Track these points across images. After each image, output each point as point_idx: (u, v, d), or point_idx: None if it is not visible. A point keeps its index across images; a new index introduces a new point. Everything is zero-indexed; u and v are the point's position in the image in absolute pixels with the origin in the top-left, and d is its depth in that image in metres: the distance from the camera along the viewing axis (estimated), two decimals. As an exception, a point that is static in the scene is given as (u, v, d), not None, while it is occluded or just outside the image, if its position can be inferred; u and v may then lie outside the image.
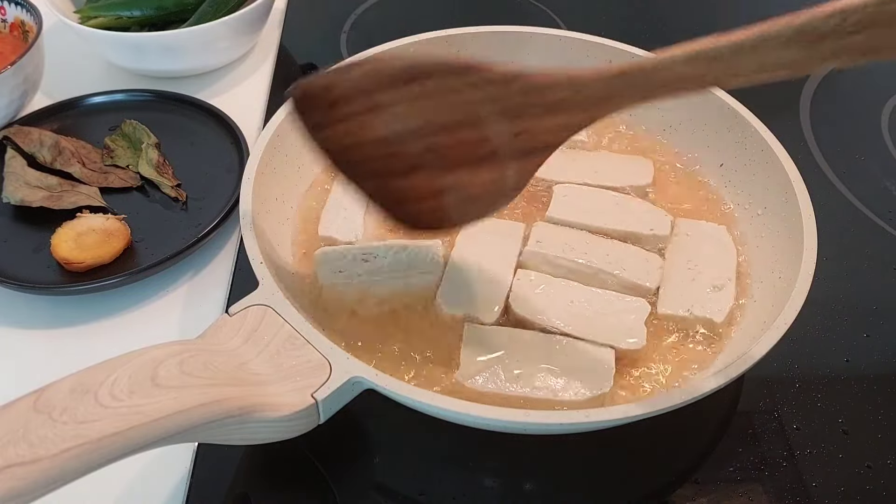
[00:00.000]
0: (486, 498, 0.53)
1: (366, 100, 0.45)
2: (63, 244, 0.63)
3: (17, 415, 0.36)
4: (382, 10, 1.00)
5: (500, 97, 0.43)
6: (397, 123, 0.46)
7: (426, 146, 0.46)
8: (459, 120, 0.45)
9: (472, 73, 0.43)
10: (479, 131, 0.45)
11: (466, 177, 0.47)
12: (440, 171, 0.47)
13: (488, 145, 0.45)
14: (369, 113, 0.46)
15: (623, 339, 0.54)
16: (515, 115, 0.43)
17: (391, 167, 0.48)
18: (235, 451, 0.55)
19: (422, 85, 0.44)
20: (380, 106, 0.45)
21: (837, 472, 0.54)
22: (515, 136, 0.44)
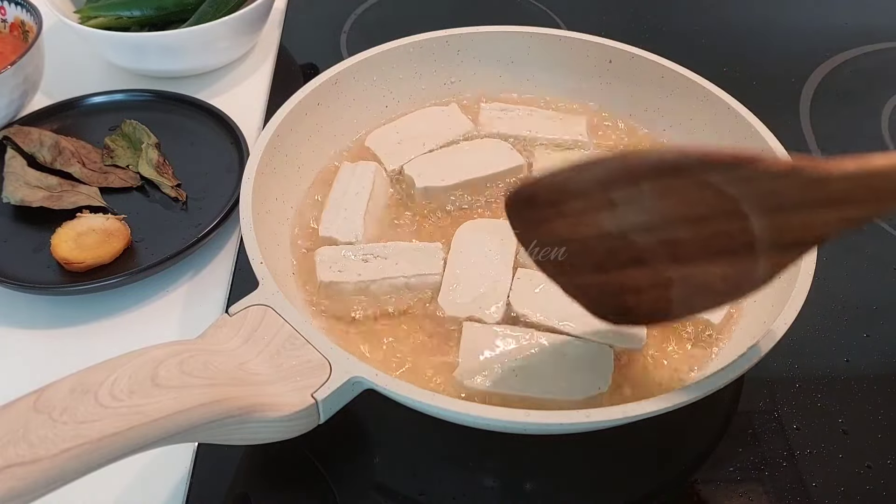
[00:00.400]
0: (486, 498, 0.53)
1: (601, 197, 0.42)
2: (63, 244, 0.63)
3: (17, 415, 0.36)
4: (382, 10, 1.00)
5: (773, 192, 0.39)
6: (630, 218, 0.43)
7: (661, 239, 0.43)
8: (712, 213, 0.41)
9: (743, 167, 0.38)
10: (732, 224, 0.40)
11: (701, 268, 0.43)
12: (670, 263, 0.44)
13: (740, 239, 0.41)
14: (600, 210, 0.43)
15: (623, 338, 0.54)
16: (786, 209, 0.39)
17: (610, 261, 0.45)
18: (235, 451, 0.55)
19: (675, 181, 0.40)
20: (615, 202, 0.42)
21: (837, 472, 0.54)
22: (780, 230, 0.40)
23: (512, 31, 0.74)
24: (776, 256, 0.41)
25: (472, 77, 0.75)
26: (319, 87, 0.67)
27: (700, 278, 0.44)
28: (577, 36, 0.73)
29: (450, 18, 0.83)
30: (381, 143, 0.69)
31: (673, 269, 0.44)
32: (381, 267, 0.58)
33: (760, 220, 0.40)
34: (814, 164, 0.37)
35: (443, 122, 0.71)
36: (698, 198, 0.40)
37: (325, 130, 0.69)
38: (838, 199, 0.38)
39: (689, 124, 0.70)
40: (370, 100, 0.72)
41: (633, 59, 0.71)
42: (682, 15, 1.01)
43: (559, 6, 0.99)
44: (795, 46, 0.94)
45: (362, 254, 0.59)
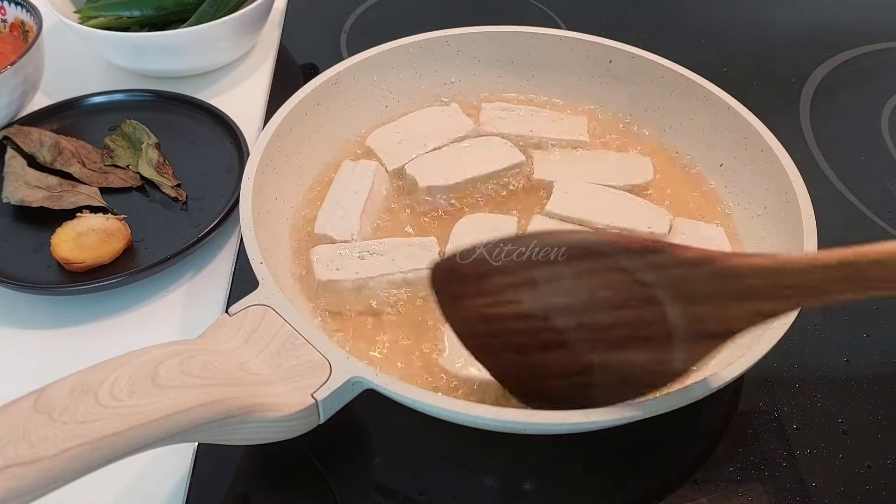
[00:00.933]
0: (486, 498, 0.53)
1: (523, 274, 0.43)
2: (63, 244, 0.63)
3: (17, 415, 0.36)
4: (382, 10, 1.00)
5: (685, 281, 0.40)
6: (550, 299, 0.43)
7: (580, 323, 0.44)
8: (629, 299, 0.42)
9: (656, 254, 0.40)
10: (649, 312, 0.41)
11: (622, 356, 0.44)
12: (591, 349, 0.44)
13: (657, 328, 0.42)
14: (521, 287, 0.44)
15: None
16: (699, 300, 0.40)
17: (532, 342, 0.46)
18: (235, 451, 0.55)
19: (592, 263, 0.41)
20: (536, 281, 0.43)
21: (837, 472, 0.54)
22: (694, 321, 0.41)
23: (512, 31, 0.74)
24: (692, 347, 0.41)
25: (472, 77, 0.75)
26: (319, 87, 0.67)
27: (620, 366, 0.44)
28: (577, 36, 0.73)
29: (450, 18, 0.83)
30: (383, 142, 0.69)
31: (594, 355, 0.44)
32: (378, 264, 0.58)
33: (675, 308, 0.40)
34: (725, 258, 0.39)
35: (444, 122, 0.71)
36: (615, 282, 0.41)
37: (325, 130, 0.69)
38: (750, 294, 0.38)
39: (689, 124, 0.70)
40: (370, 100, 0.72)
41: (633, 59, 0.71)
42: (682, 15, 1.01)
43: (559, 6, 0.99)
44: (795, 46, 0.94)
45: (358, 251, 0.59)
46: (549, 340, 0.45)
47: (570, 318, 0.43)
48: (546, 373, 0.47)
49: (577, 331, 0.44)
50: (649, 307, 0.41)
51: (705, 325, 0.41)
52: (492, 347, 0.48)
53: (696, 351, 0.42)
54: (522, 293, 0.44)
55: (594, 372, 0.45)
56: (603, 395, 0.45)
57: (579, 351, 0.44)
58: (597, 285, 0.42)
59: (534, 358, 0.46)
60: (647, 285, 0.40)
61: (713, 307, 0.40)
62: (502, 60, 0.75)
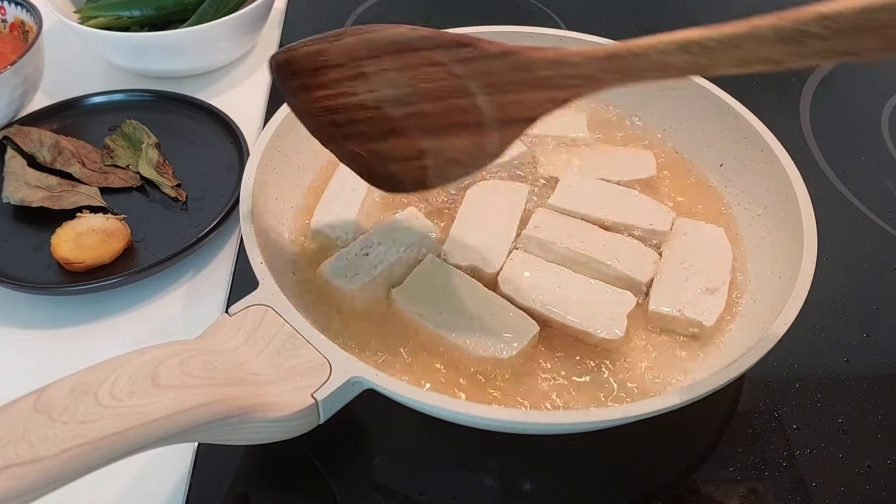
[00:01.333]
0: (486, 498, 0.53)
1: (353, 67, 0.48)
2: (63, 244, 0.63)
3: (17, 415, 0.36)
4: (382, 9, 1.00)
5: (489, 72, 0.45)
6: (381, 90, 0.48)
7: (408, 112, 0.49)
8: (444, 90, 0.47)
9: (463, 48, 0.45)
10: (463, 101, 0.47)
11: (447, 141, 0.49)
12: (421, 135, 0.49)
13: (472, 115, 0.47)
14: (354, 80, 0.48)
15: (602, 327, 0.55)
16: (502, 89, 0.45)
17: (370, 130, 0.50)
18: (235, 451, 0.55)
19: (411, 56, 0.47)
20: (366, 74, 0.48)
21: (837, 472, 0.54)
22: (500, 108, 0.46)
23: (512, 32, 0.74)
24: (502, 131, 0.47)
25: (472, 77, 0.75)
26: (319, 87, 0.67)
27: (447, 151, 0.50)
28: (577, 36, 0.73)
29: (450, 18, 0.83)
30: None
31: (425, 142, 0.50)
32: (386, 251, 0.59)
33: (483, 98, 0.46)
34: (520, 51, 0.44)
35: None
36: (433, 75, 0.47)
37: (325, 130, 0.69)
38: (542, 83, 0.44)
39: (689, 124, 0.70)
40: (370, 100, 0.72)
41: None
42: (682, 15, 1.01)
43: (559, 6, 0.99)
44: (795, 46, 0.94)
45: (360, 251, 0.59)
46: (386, 129, 0.50)
47: (399, 109, 0.49)
48: (388, 158, 0.52)
49: (407, 119, 0.49)
50: (463, 97, 0.46)
51: (510, 112, 0.46)
52: (337, 136, 0.53)
53: (505, 135, 0.47)
54: (356, 85, 0.49)
55: (427, 156, 0.50)
56: (439, 175, 0.51)
57: (412, 138, 0.50)
58: (418, 77, 0.47)
59: (375, 146, 0.51)
60: (459, 77, 0.46)
61: (515, 96, 0.45)
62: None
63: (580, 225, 0.62)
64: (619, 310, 0.56)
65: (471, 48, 0.45)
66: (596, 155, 0.69)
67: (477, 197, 0.64)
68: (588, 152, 0.70)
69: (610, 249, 0.60)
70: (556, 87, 0.44)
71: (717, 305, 0.57)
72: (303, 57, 0.49)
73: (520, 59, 0.44)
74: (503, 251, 0.60)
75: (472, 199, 0.64)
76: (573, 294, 0.57)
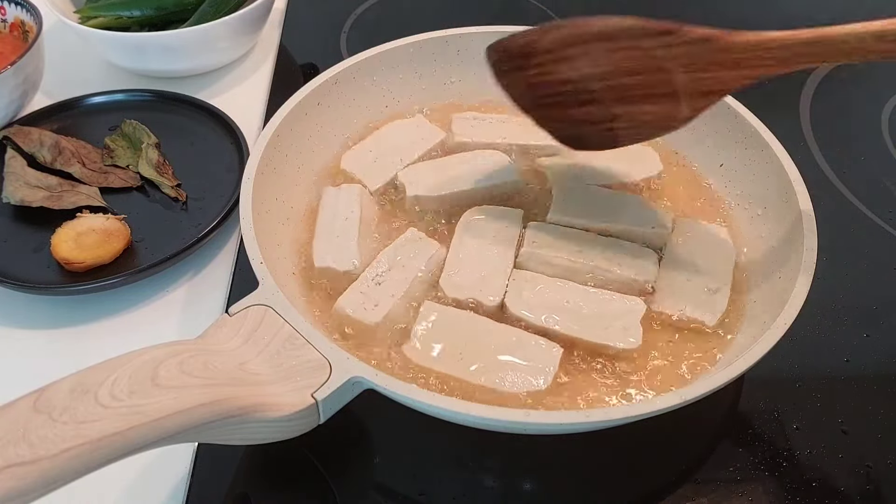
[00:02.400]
0: (486, 498, 0.53)
1: (560, 52, 0.54)
2: (63, 244, 0.63)
3: (17, 415, 0.36)
4: (382, 10, 1.00)
5: (688, 55, 0.50)
6: (585, 69, 0.54)
7: (607, 85, 0.54)
8: (645, 68, 0.52)
9: (666, 36, 0.50)
10: (660, 76, 0.52)
11: (639, 107, 0.55)
12: (615, 103, 0.55)
13: (667, 87, 0.52)
14: (560, 62, 0.55)
15: (619, 338, 0.54)
16: (699, 69, 0.51)
17: (569, 101, 0.57)
18: (235, 451, 0.55)
19: (616, 44, 0.52)
20: (571, 57, 0.54)
21: (837, 472, 0.54)
22: (694, 82, 0.52)
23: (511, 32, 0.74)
24: (695, 102, 0.53)
25: (472, 77, 0.75)
26: (319, 88, 0.67)
27: (638, 115, 0.55)
28: (577, 36, 0.73)
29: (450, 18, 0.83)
30: (357, 163, 0.68)
31: (618, 107, 0.55)
32: (399, 277, 0.58)
33: (681, 76, 0.51)
34: (721, 36, 0.49)
35: (414, 134, 0.70)
36: (634, 56, 0.52)
37: (325, 130, 0.69)
38: (740, 63, 0.50)
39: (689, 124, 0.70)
40: (370, 100, 0.72)
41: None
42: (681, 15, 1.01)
43: (559, 6, 0.99)
44: (795, 46, 0.94)
45: (372, 281, 0.57)
46: (584, 99, 0.56)
47: (599, 83, 0.54)
48: (581, 121, 0.58)
49: (605, 91, 0.55)
50: (661, 74, 0.52)
51: (704, 86, 0.52)
52: (539, 104, 0.59)
53: (697, 103, 0.53)
54: (561, 66, 0.55)
55: (618, 120, 0.56)
56: (626, 136, 0.58)
57: (607, 105, 0.55)
58: (620, 59, 0.52)
59: (572, 112, 0.58)
60: (659, 59, 0.51)
61: (710, 74, 0.51)
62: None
63: (576, 234, 0.61)
64: (632, 318, 0.56)
65: (674, 35, 0.50)
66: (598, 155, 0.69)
67: (470, 224, 0.62)
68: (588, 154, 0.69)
69: (610, 255, 0.59)
70: (750, 66, 0.49)
71: (720, 305, 0.57)
72: (515, 47, 0.57)
73: (719, 44, 0.49)
74: (501, 283, 0.58)
75: (465, 227, 0.62)
76: (583, 307, 0.56)
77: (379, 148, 0.69)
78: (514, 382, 0.51)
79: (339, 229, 0.61)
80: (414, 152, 0.69)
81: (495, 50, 0.59)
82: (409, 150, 0.69)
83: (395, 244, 0.60)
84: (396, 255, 0.59)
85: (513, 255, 0.60)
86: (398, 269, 0.58)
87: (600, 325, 0.55)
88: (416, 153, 0.69)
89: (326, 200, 0.64)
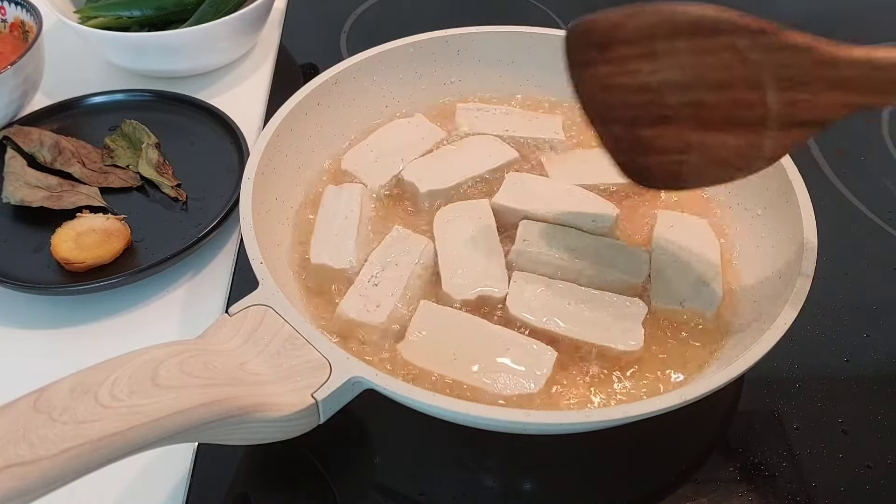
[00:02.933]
0: (486, 498, 0.53)
1: (645, 45, 0.46)
2: (63, 244, 0.63)
3: (17, 415, 0.36)
4: (382, 10, 1.00)
5: (787, 64, 0.43)
6: (665, 73, 0.47)
7: (687, 100, 0.47)
8: (735, 79, 0.45)
9: (766, 35, 0.43)
10: (751, 94, 0.45)
11: (718, 138, 0.47)
12: (692, 127, 0.48)
13: (755, 110, 0.45)
14: (641, 59, 0.47)
15: (620, 340, 0.54)
16: (797, 84, 0.44)
17: (642, 115, 0.49)
18: (235, 451, 0.55)
19: (709, 40, 0.44)
20: (655, 53, 0.46)
21: (837, 472, 0.54)
22: (788, 105, 0.44)
23: (512, 31, 0.74)
24: (782, 135, 0.46)
25: (472, 77, 0.75)
26: (319, 87, 0.67)
27: (715, 148, 0.48)
28: (577, 36, 0.73)
29: (450, 18, 0.83)
30: (358, 162, 0.68)
31: (694, 134, 0.48)
32: (394, 276, 0.58)
33: (774, 92, 0.44)
34: (825, 45, 0.42)
35: (414, 133, 0.71)
36: (726, 60, 0.44)
37: (325, 130, 0.69)
38: (844, 83, 0.42)
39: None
40: (370, 100, 0.72)
41: None
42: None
43: (559, 6, 0.99)
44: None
45: (369, 283, 0.57)
46: (658, 116, 0.49)
47: (679, 95, 0.47)
48: (649, 147, 0.51)
49: (684, 108, 0.47)
50: (751, 89, 0.44)
51: (798, 111, 0.44)
52: (607, 117, 0.52)
53: (784, 138, 0.46)
54: (642, 64, 0.47)
55: (692, 151, 0.49)
56: (697, 174, 0.50)
57: (683, 128, 0.48)
58: (709, 63, 0.45)
59: (642, 132, 0.50)
60: (753, 65, 0.44)
61: (808, 94, 0.43)
62: (502, 60, 0.75)
63: (567, 233, 0.61)
64: (632, 320, 0.56)
65: (774, 36, 0.43)
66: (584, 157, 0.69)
67: (446, 225, 0.62)
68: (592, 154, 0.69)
69: (601, 255, 0.59)
70: (858, 91, 0.42)
71: (716, 294, 0.57)
72: (601, 28, 0.48)
73: (823, 54, 0.42)
74: (501, 271, 0.58)
75: (443, 229, 0.62)
76: (584, 310, 0.56)
77: (380, 147, 0.69)
78: (506, 384, 0.51)
79: (338, 228, 0.61)
80: (415, 152, 0.69)
81: (576, 31, 0.50)
82: (409, 150, 0.69)
83: (383, 244, 0.60)
84: (387, 255, 0.59)
85: (498, 243, 0.60)
86: (392, 268, 0.58)
87: (601, 326, 0.55)
88: (416, 152, 0.69)
89: (327, 199, 0.64)
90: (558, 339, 0.55)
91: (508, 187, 0.64)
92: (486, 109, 0.73)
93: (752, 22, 0.43)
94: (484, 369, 0.52)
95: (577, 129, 0.72)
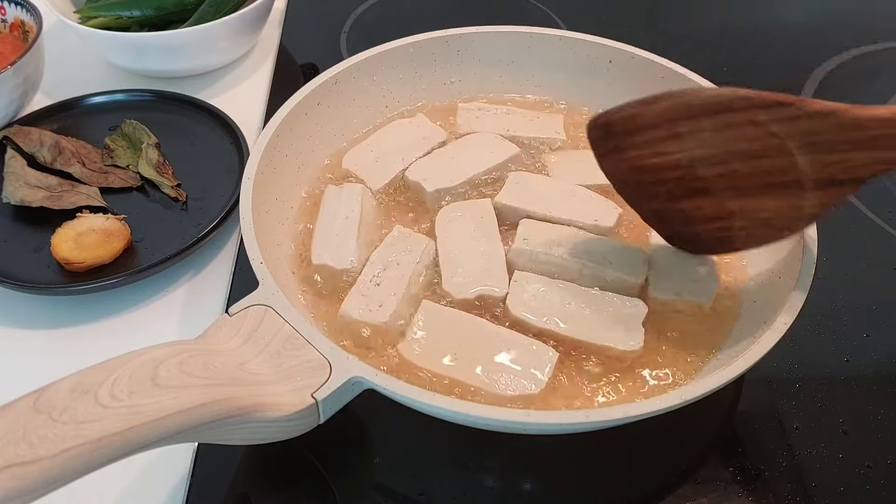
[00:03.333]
0: (486, 498, 0.53)
1: (668, 128, 0.49)
2: (63, 244, 0.63)
3: (17, 415, 0.36)
4: (382, 10, 1.00)
5: (812, 132, 0.44)
6: (693, 150, 0.49)
7: (719, 172, 0.49)
8: (763, 149, 0.46)
9: (784, 108, 0.44)
10: (780, 161, 0.46)
11: (757, 202, 0.49)
12: (731, 195, 0.49)
13: (789, 175, 0.46)
14: (667, 140, 0.49)
15: (620, 340, 0.54)
16: (826, 149, 0.44)
17: (677, 189, 0.51)
18: (235, 451, 0.55)
19: (729, 117, 0.46)
20: (679, 134, 0.49)
21: (837, 472, 0.54)
22: (822, 168, 0.45)
23: (512, 31, 0.74)
24: (821, 194, 0.46)
25: (472, 77, 0.75)
26: (319, 87, 0.67)
27: (758, 212, 0.49)
28: (577, 36, 0.73)
29: (450, 18, 0.83)
30: (359, 162, 0.68)
31: (734, 202, 0.50)
32: (396, 275, 0.57)
33: (804, 157, 0.45)
34: (848, 109, 0.43)
35: (415, 133, 0.70)
36: (750, 134, 0.46)
37: (325, 130, 0.69)
38: (872, 143, 0.43)
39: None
40: (370, 100, 0.72)
41: (634, 59, 0.71)
42: (682, 15, 1.01)
43: (559, 6, 0.99)
44: (795, 46, 0.94)
45: (371, 283, 0.57)
46: (694, 189, 0.50)
47: (711, 168, 0.49)
48: (693, 218, 0.52)
49: (718, 179, 0.49)
50: (781, 157, 0.45)
51: (833, 172, 0.45)
52: (643, 196, 0.54)
53: (825, 198, 0.46)
54: (669, 145, 0.49)
55: (735, 217, 0.50)
56: (745, 238, 0.52)
57: (721, 197, 0.50)
58: (733, 137, 0.47)
59: (681, 204, 0.52)
60: (778, 137, 0.45)
61: (840, 156, 0.44)
62: (502, 60, 0.75)
63: (567, 232, 0.61)
64: (633, 320, 0.55)
65: (793, 108, 0.44)
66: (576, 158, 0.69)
67: (448, 225, 0.62)
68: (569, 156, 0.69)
69: (602, 254, 0.59)
70: (889, 148, 0.43)
71: (712, 284, 0.57)
72: (619, 120, 0.51)
73: (847, 118, 0.43)
74: (502, 271, 0.58)
75: (444, 228, 0.62)
76: (584, 309, 0.56)
77: (380, 147, 0.69)
78: (507, 385, 0.51)
79: (339, 228, 0.61)
80: (415, 152, 0.69)
81: (596, 125, 0.53)
82: (410, 150, 0.69)
83: (384, 244, 0.60)
84: (389, 255, 0.59)
85: (500, 243, 0.60)
86: (394, 268, 0.58)
87: (602, 326, 0.55)
88: (417, 153, 0.69)
89: (328, 199, 0.64)
90: (558, 339, 0.55)
91: (511, 187, 0.65)
92: (487, 109, 0.73)
93: (767, 97, 0.44)
94: (484, 370, 0.52)
95: (579, 128, 0.72)
